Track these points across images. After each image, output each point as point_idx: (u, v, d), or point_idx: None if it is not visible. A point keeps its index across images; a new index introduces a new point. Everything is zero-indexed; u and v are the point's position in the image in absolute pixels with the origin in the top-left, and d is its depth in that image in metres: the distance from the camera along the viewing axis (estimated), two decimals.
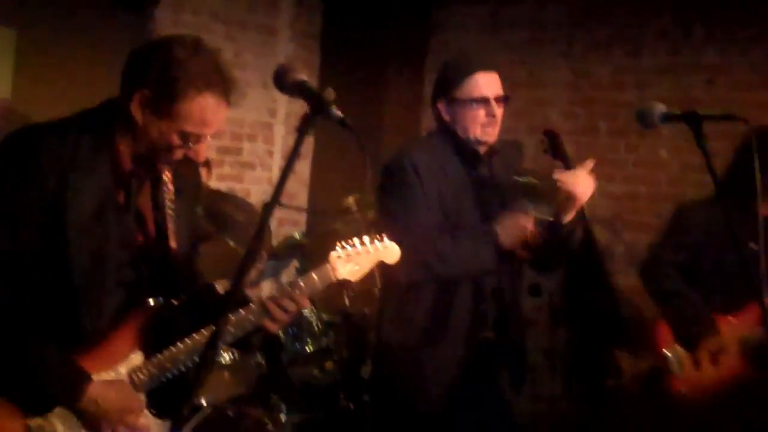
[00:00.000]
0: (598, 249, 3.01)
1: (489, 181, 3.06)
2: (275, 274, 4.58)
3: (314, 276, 2.41)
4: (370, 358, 3.91)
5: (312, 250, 3.88)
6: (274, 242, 4.14)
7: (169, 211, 2.36)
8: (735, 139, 3.74)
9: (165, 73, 2.17)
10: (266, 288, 2.41)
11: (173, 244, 2.34)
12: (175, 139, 2.21)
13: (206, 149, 2.57)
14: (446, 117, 3.04)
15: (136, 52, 2.25)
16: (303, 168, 5.69)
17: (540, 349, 3.73)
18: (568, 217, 2.86)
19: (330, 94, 1.99)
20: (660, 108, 2.45)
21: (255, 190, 5.37)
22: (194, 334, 2.30)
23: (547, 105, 5.36)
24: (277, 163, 5.50)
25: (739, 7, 4.86)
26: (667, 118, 2.44)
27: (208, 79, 2.19)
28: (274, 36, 5.52)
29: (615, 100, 5.19)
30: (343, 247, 2.47)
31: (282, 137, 5.57)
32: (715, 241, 3.44)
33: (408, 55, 5.86)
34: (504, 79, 5.37)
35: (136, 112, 2.20)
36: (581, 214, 2.89)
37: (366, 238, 2.49)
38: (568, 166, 2.98)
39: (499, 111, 2.99)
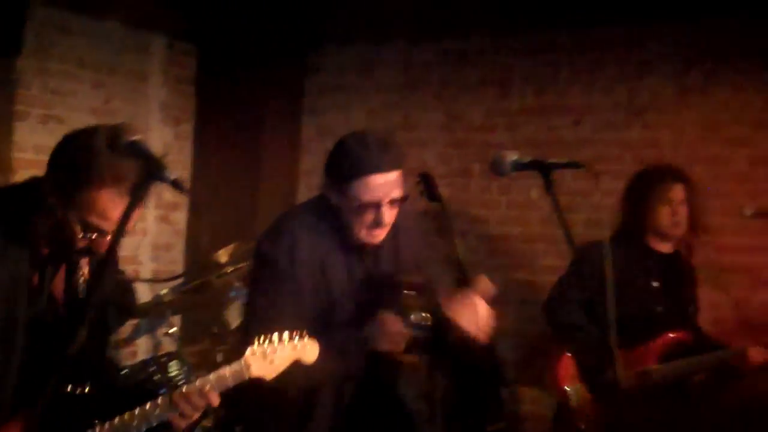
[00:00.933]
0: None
1: (371, 276, 2.82)
2: (152, 331, 4.49)
3: (227, 372, 2.34)
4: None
5: (185, 305, 3.80)
6: (145, 299, 4.04)
7: (81, 296, 2.32)
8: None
9: (76, 160, 2.15)
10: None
11: (82, 330, 2.25)
12: (77, 228, 2.18)
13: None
14: (334, 200, 2.75)
15: (66, 136, 2.25)
16: (178, 218, 5.56)
17: (420, 396, 3.71)
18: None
19: (164, 156, 1.93)
20: (511, 156, 2.50)
21: (129, 242, 5.16)
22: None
23: (422, 147, 5.42)
24: (152, 214, 5.34)
25: (600, 49, 5.05)
26: (518, 166, 2.49)
27: (114, 173, 2.15)
28: (145, 81, 5.40)
29: (487, 142, 5.29)
30: (260, 344, 2.38)
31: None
32: (616, 278, 3.53)
33: (285, 97, 5.84)
34: (380, 121, 5.63)
35: (51, 195, 2.17)
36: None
37: (285, 335, 2.39)
38: (444, 207, 3.00)
39: (390, 213, 2.73)
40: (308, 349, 2.44)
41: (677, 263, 3.83)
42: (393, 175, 2.70)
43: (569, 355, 3.72)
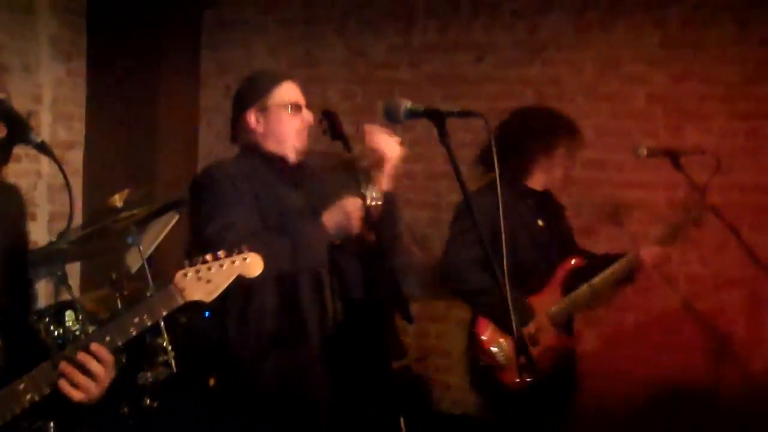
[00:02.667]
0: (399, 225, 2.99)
1: (308, 190, 2.93)
2: (47, 279, 4.33)
3: (157, 303, 2.12)
4: (148, 365, 3.77)
5: (82, 251, 3.68)
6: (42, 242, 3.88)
7: None
8: None
9: None
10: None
11: None
12: None
13: None
14: (258, 128, 2.91)
15: None
16: (75, 157, 5.35)
17: None
18: (387, 185, 2.86)
19: (29, 116, 1.81)
20: (405, 104, 2.46)
21: (23, 184, 4.96)
22: None
23: (324, 84, 5.32)
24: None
25: None
26: (412, 114, 2.46)
27: None
28: (32, 14, 5.11)
29: (390, 78, 5.23)
30: (191, 264, 2.18)
31: (49, 125, 5.19)
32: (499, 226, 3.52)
33: (182, 32, 5.65)
34: (281, 56, 5.51)
35: None
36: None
37: (220, 252, 2.21)
38: (347, 146, 2.95)
39: (309, 115, 2.95)
40: (250, 263, 2.25)
41: (551, 199, 3.84)
42: (296, 86, 2.97)
43: (482, 317, 3.58)
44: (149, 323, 2.12)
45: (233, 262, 2.22)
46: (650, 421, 4.56)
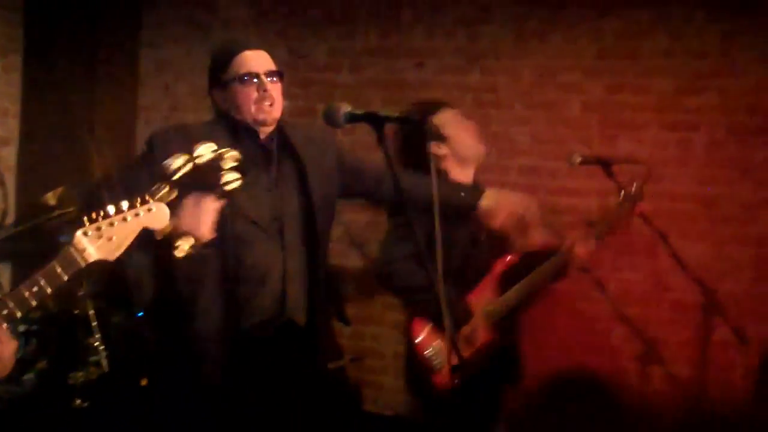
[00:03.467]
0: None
1: (271, 156, 2.89)
2: None
3: (56, 266, 2.03)
4: (80, 365, 3.73)
5: (12, 251, 3.62)
6: None
7: None
8: None
9: None
10: None
11: None
12: None
13: None
14: (222, 105, 2.90)
15: None
16: (9, 154, 5.26)
17: None
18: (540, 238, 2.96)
19: None
20: (345, 108, 2.51)
21: None
22: None
23: None
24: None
25: None
26: (352, 118, 2.50)
27: None
28: None
29: (332, 82, 5.27)
30: (92, 220, 2.06)
31: None
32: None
33: (121, 28, 5.63)
34: None
35: None
36: None
37: (123, 204, 2.09)
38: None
39: (273, 87, 2.85)
40: (156, 213, 2.15)
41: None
42: (262, 53, 2.89)
43: (418, 318, 3.55)
44: (49, 290, 2.03)
45: (137, 215, 2.13)
46: (578, 422, 4.65)
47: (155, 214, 2.16)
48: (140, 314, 4.03)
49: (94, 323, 3.88)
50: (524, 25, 4.92)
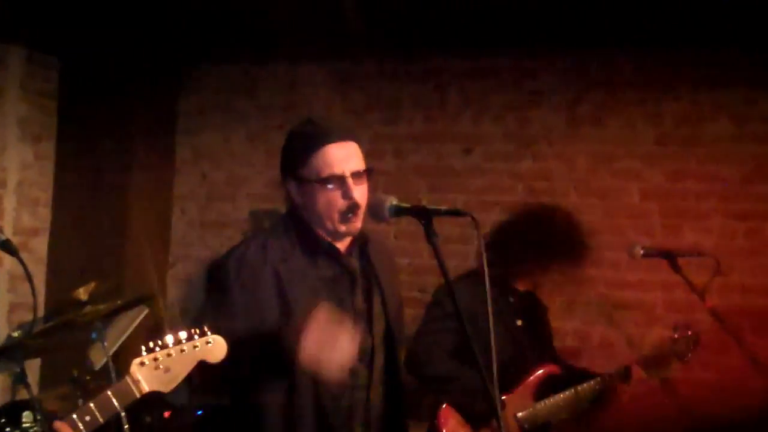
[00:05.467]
0: None
1: (355, 277, 2.65)
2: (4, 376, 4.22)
3: (111, 396, 2.01)
4: None
5: (42, 346, 3.58)
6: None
7: None
8: None
9: None
10: None
11: None
12: None
13: None
14: (297, 199, 2.63)
15: None
16: (39, 245, 5.27)
17: None
18: None
19: None
20: (390, 201, 2.43)
21: None
22: None
23: None
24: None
25: (491, 77, 5.08)
26: (397, 212, 2.43)
27: None
28: (1, 96, 5.11)
29: (375, 168, 5.22)
30: (150, 350, 2.07)
31: (14, 210, 5.12)
32: (478, 319, 3.52)
33: (157, 116, 5.65)
34: (260, 144, 5.51)
35: None
36: None
37: (182, 334, 2.10)
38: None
39: (359, 190, 2.56)
40: (213, 347, 2.16)
41: (533, 300, 3.89)
42: (349, 145, 2.59)
43: (448, 406, 3.59)
44: (101, 420, 2.03)
45: (195, 347, 2.14)
46: None
47: (213, 348, 2.17)
48: (200, 412, 3.98)
49: (126, 426, 3.79)
50: (577, 109, 4.91)
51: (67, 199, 5.36)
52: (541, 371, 3.68)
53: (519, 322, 3.72)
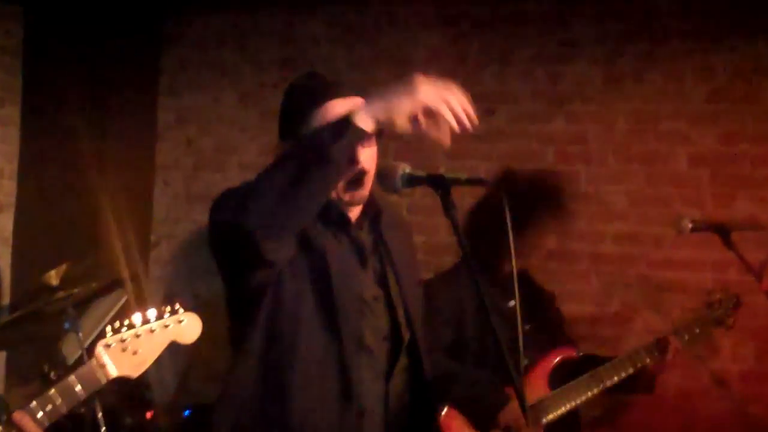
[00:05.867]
0: None
1: (364, 253, 2.66)
2: None
3: (74, 382, 2.08)
4: None
5: (9, 339, 3.61)
6: None
7: None
8: None
9: None
10: None
11: None
12: None
13: None
14: None
15: None
16: (4, 222, 5.27)
17: None
18: None
19: None
20: (402, 169, 2.43)
21: None
22: None
23: None
24: None
25: (518, 24, 5.06)
26: (411, 181, 2.43)
27: None
28: None
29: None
30: (116, 331, 2.12)
31: None
32: (469, 311, 3.72)
33: (136, 74, 5.65)
34: (254, 105, 5.50)
35: None
36: None
37: (151, 313, 2.16)
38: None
39: (368, 154, 2.54)
40: (186, 326, 2.23)
41: (527, 280, 3.96)
42: (351, 100, 2.57)
43: (450, 407, 3.64)
44: (64, 409, 2.08)
45: (166, 326, 2.20)
46: None
47: (186, 327, 2.22)
48: (188, 412, 4.01)
49: (104, 428, 3.82)
50: (616, 62, 4.88)
51: (34, 171, 5.36)
52: (553, 356, 3.73)
53: (511, 303, 3.71)
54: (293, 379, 2.49)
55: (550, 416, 3.66)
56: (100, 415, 3.87)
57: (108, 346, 2.12)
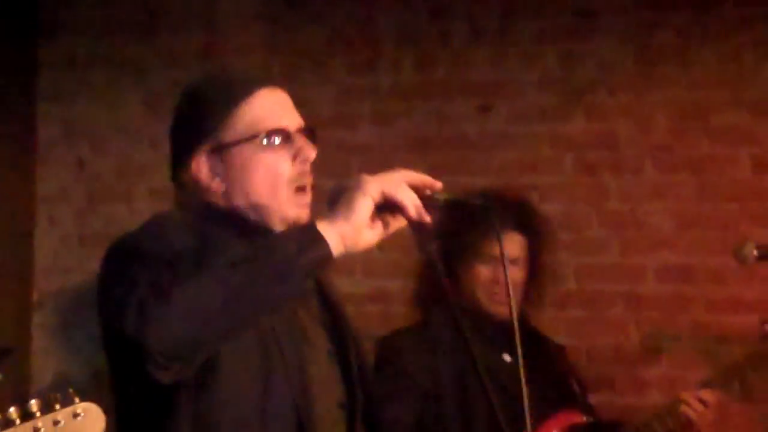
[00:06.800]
0: None
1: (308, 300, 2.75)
2: None
3: None
4: None
5: None
6: None
7: None
8: None
9: None
10: None
11: None
12: None
13: None
14: (214, 184, 2.64)
15: None
16: None
17: None
18: None
19: None
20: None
21: None
22: None
23: None
24: None
25: None
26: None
27: None
28: None
29: (342, 141, 5.20)
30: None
31: None
32: (447, 376, 3.82)
33: (5, 73, 5.61)
34: (164, 110, 5.45)
35: None
36: None
37: (34, 404, 2.14)
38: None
39: (312, 152, 2.64)
40: (83, 423, 2.21)
41: (528, 329, 4.01)
42: (284, 94, 2.69)
43: None
44: None
45: (55, 423, 2.17)
46: None
47: (83, 423, 2.21)
48: None
49: None
50: (652, 39, 4.91)
51: None
52: (559, 421, 3.83)
53: (507, 358, 3.82)
54: None
55: None
56: None
57: None
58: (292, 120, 2.64)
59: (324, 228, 2.34)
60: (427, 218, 2.39)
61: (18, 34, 5.68)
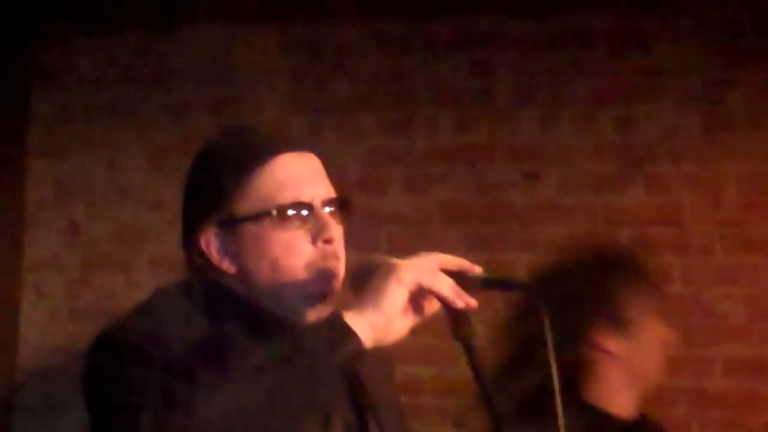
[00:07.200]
0: None
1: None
2: None
3: None
4: None
5: None
6: None
7: None
8: None
9: None
10: None
11: None
12: None
13: None
14: (223, 264, 2.60)
15: None
16: None
17: None
18: None
19: None
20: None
21: None
22: None
23: None
24: None
25: (571, 43, 5.10)
26: None
27: None
28: None
29: (370, 207, 5.24)
30: None
31: None
32: None
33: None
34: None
35: None
36: None
37: None
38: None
39: (337, 230, 2.59)
40: None
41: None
42: (311, 159, 2.62)
43: None
44: None
45: None
46: None
47: None
48: None
49: None
50: (721, 102, 4.92)
51: None
52: None
53: None
54: None
55: None
56: None
57: None
58: (317, 191, 2.57)
59: (353, 320, 2.35)
60: (470, 303, 2.39)
61: (6, 80, 5.73)
